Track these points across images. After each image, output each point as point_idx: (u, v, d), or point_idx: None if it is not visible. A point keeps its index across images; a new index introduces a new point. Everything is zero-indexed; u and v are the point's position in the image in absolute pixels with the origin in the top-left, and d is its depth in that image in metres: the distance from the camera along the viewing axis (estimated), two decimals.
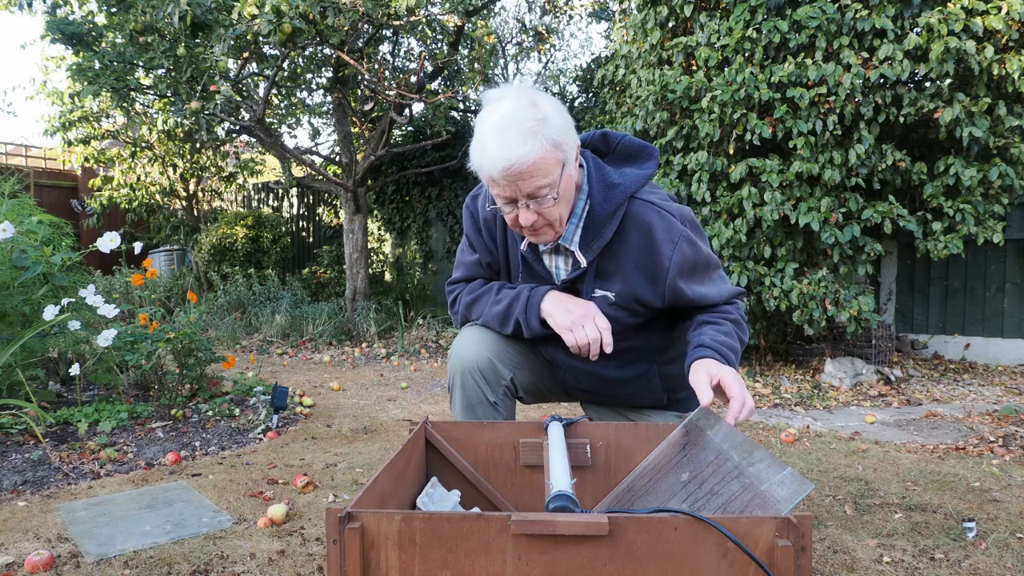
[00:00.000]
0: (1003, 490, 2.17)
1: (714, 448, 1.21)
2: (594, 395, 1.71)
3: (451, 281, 1.73)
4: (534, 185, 1.32)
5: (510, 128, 1.30)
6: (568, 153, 1.36)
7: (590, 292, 1.52)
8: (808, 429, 3.02)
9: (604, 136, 1.56)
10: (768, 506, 1.01)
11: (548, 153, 1.31)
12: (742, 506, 1.07)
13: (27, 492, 2.20)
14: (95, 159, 7.91)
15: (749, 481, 1.08)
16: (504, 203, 1.38)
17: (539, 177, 1.32)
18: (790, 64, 3.59)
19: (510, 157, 1.29)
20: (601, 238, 1.47)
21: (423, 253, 7.79)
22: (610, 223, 1.46)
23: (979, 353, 4.77)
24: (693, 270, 1.50)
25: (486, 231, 1.62)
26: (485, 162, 1.33)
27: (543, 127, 1.31)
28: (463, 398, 1.60)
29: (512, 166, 1.29)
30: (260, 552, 1.72)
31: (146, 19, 5.05)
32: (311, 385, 4.21)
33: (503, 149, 1.29)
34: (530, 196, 1.34)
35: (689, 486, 1.20)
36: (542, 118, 1.32)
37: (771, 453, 1.12)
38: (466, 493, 1.42)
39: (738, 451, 1.15)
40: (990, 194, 3.76)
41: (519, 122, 1.30)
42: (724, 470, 1.16)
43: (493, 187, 1.37)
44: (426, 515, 0.90)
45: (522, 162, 1.29)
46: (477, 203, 1.64)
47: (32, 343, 3.06)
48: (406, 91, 5.74)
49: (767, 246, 3.83)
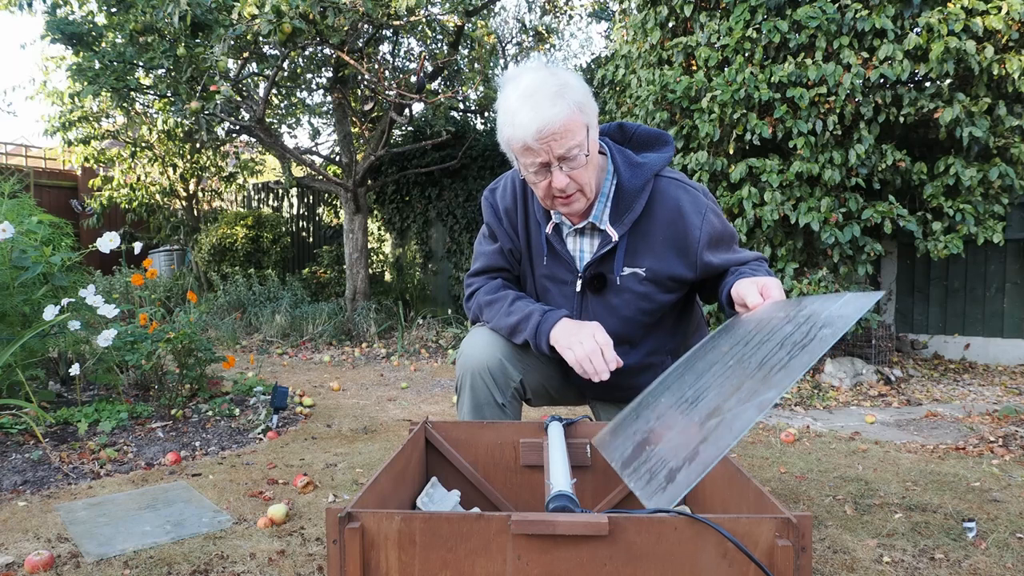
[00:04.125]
0: (1003, 490, 2.17)
1: (755, 319, 1.14)
2: (605, 388, 1.67)
3: (471, 273, 1.74)
4: (566, 146, 1.37)
5: (537, 94, 1.36)
6: (591, 117, 1.43)
7: (619, 270, 1.53)
8: (808, 429, 3.02)
9: (621, 126, 1.63)
10: (835, 324, 0.87)
11: (575, 114, 1.37)
12: (801, 339, 0.94)
13: (27, 492, 2.20)
14: (95, 159, 7.90)
15: (803, 320, 0.99)
16: (536, 171, 1.42)
17: (570, 137, 1.37)
18: (790, 64, 3.59)
19: (543, 119, 1.35)
20: (632, 211, 1.51)
21: (423, 253, 7.79)
22: (640, 197, 1.51)
23: (979, 353, 4.77)
24: (720, 240, 1.54)
25: (507, 219, 1.65)
26: (517, 131, 1.38)
27: (567, 90, 1.37)
28: (472, 399, 1.60)
29: (545, 127, 1.35)
30: (260, 552, 1.72)
31: (146, 19, 5.05)
32: (311, 385, 4.21)
33: (535, 112, 1.35)
34: (562, 158, 1.39)
35: (734, 349, 1.09)
36: (564, 83, 1.38)
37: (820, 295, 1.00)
38: (466, 493, 1.42)
39: (784, 309, 1.07)
40: (990, 194, 3.76)
41: (544, 88, 1.37)
42: (771, 325, 1.06)
43: (526, 155, 1.41)
44: (426, 515, 0.90)
45: (554, 121, 1.35)
46: (496, 195, 1.68)
47: (32, 343, 3.06)
48: (406, 91, 5.73)
49: (767, 246, 3.83)
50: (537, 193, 1.49)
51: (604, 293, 1.56)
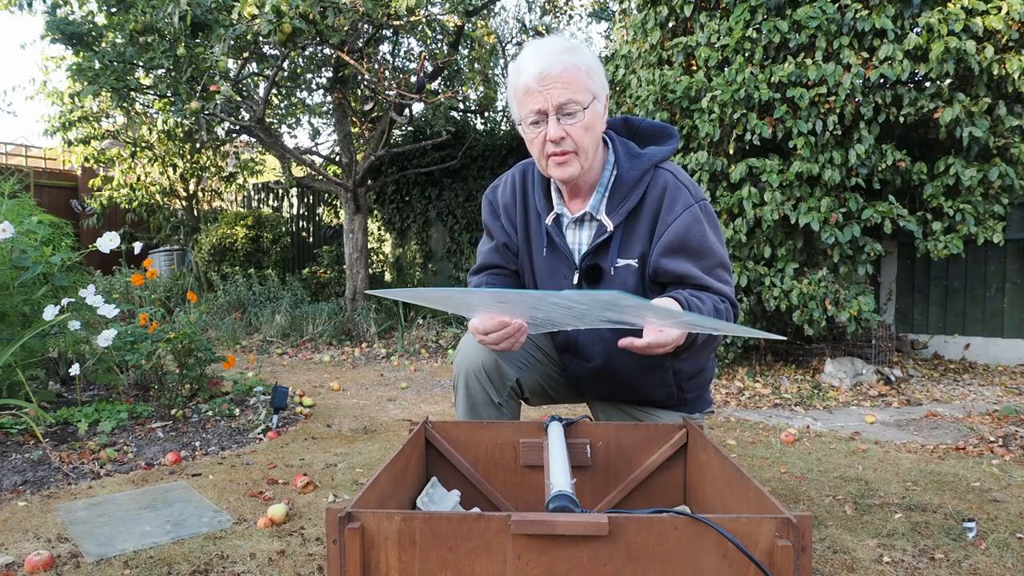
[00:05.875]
0: (1003, 490, 2.17)
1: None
2: (607, 385, 1.67)
3: (470, 273, 1.79)
4: (565, 96, 1.39)
5: (548, 47, 1.43)
6: (598, 89, 1.45)
7: (613, 262, 1.52)
8: (808, 429, 3.02)
9: (626, 120, 1.65)
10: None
11: (580, 72, 1.41)
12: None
13: (27, 492, 2.20)
14: (95, 159, 7.90)
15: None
16: (534, 121, 1.43)
17: (571, 89, 1.39)
18: (790, 64, 3.59)
19: (548, 63, 1.39)
20: (628, 201, 1.50)
21: (423, 253, 7.79)
22: (637, 188, 1.51)
23: (979, 353, 4.77)
24: (686, 249, 1.46)
25: (505, 214, 1.67)
26: (521, 76, 1.43)
27: (578, 51, 1.43)
28: (467, 399, 1.60)
29: (547, 69, 1.39)
30: (260, 552, 1.72)
31: (146, 19, 5.05)
32: (311, 385, 4.21)
33: (540, 57, 1.40)
34: (559, 109, 1.40)
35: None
36: (576, 47, 1.44)
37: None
38: (466, 493, 1.42)
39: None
40: (990, 194, 3.76)
41: (555, 43, 1.43)
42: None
43: (526, 102, 1.43)
44: (426, 515, 0.90)
45: (557, 65, 1.39)
46: (496, 192, 1.70)
47: (32, 343, 3.06)
48: (406, 91, 5.73)
49: (767, 246, 3.83)
50: (533, 153, 1.50)
51: (600, 285, 1.55)
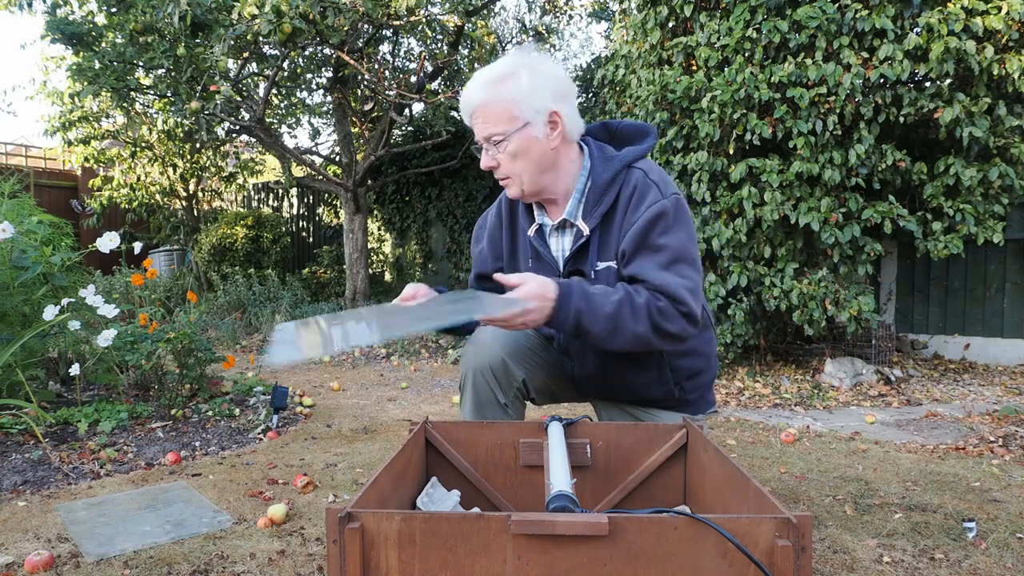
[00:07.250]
0: (1003, 490, 2.17)
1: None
2: (604, 385, 1.67)
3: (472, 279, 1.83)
4: (487, 131, 1.48)
5: (478, 77, 1.49)
6: (529, 115, 1.46)
7: (594, 266, 1.54)
8: (808, 429, 3.02)
9: (605, 125, 1.66)
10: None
11: (501, 103, 1.45)
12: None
13: (27, 492, 2.20)
14: (95, 159, 7.90)
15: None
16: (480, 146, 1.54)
17: (491, 123, 1.46)
18: (790, 64, 3.59)
19: (469, 95, 1.49)
20: (601, 204, 1.52)
21: (423, 253, 7.79)
22: (609, 190, 1.52)
23: (979, 353, 4.77)
24: (645, 242, 1.44)
25: (488, 239, 1.76)
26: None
27: (503, 83, 1.45)
28: (474, 398, 1.60)
29: (468, 101, 1.49)
30: (260, 552, 1.72)
31: (146, 19, 5.05)
32: (311, 385, 4.21)
33: (467, 90, 1.50)
34: (486, 140, 1.49)
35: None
36: (507, 75, 1.46)
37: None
38: (466, 493, 1.42)
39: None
40: (990, 194, 3.76)
41: (491, 71, 1.48)
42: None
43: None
44: (426, 515, 0.90)
45: (476, 98, 1.47)
46: (486, 217, 1.79)
47: (32, 343, 3.06)
48: (406, 91, 5.73)
49: (767, 246, 3.83)
50: None
51: None
